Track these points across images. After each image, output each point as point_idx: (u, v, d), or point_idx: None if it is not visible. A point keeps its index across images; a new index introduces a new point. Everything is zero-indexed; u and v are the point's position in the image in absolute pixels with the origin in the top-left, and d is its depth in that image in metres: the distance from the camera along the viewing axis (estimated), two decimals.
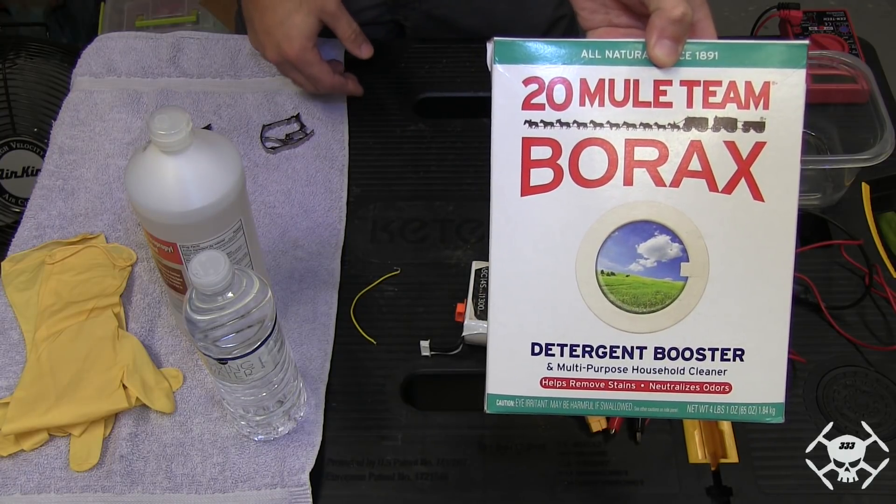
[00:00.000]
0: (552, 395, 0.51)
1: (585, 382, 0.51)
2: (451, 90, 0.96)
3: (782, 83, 0.49)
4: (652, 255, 0.50)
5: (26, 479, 0.68)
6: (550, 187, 0.49)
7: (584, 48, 0.49)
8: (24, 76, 1.44)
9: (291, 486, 0.67)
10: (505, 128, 0.49)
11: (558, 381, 0.51)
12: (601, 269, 0.50)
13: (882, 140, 0.78)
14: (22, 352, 0.75)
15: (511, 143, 0.49)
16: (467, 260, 0.80)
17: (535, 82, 0.49)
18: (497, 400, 0.52)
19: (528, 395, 0.51)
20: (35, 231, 0.83)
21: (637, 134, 0.49)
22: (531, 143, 0.49)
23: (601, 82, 0.49)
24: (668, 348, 0.51)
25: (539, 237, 0.50)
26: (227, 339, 0.59)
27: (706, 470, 0.69)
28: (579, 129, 0.49)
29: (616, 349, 0.51)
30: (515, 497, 0.68)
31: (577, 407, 0.52)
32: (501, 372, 0.51)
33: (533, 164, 0.49)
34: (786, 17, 0.98)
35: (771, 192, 0.49)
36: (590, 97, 0.49)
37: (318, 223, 0.84)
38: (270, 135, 0.91)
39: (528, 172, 0.49)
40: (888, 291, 0.77)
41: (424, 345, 0.75)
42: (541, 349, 0.51)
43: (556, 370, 0.51)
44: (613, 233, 0.50)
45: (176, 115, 0.60)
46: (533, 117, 0.49)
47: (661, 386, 0.51)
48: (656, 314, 0.50)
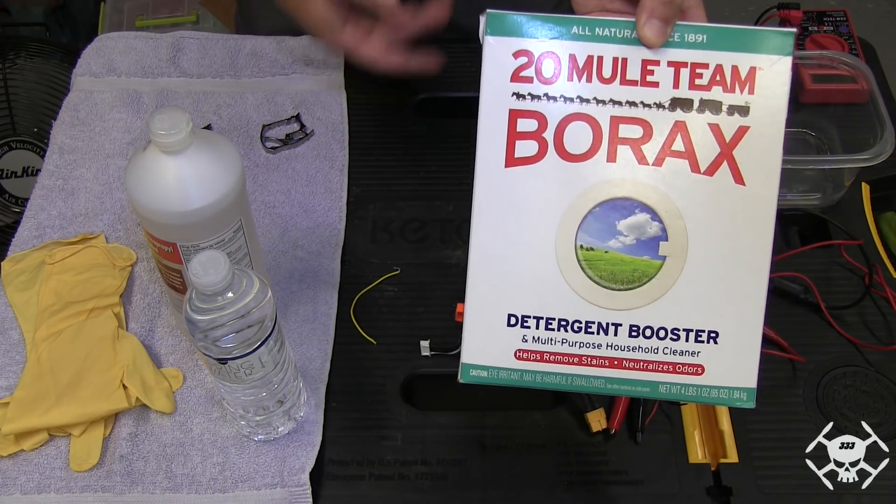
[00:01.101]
0: (526, 368, 0.52)
1: (559, 357, 0.51)
2: (451, 90, 0.96)
3: (768, 69, 0.49)
4: (631, 232, 0.50)
5: (26, 479, 0.68)
6: (534, 160, 0.49)
7: (574, 24, 0.49)
8: (24, 76, 1.44)
9: (291, 486, 0.67)
10: (492, 99, 0.49)
11: (532, 353, 0.51)
12: (580, 244, 0.50)
13: (882, 140, 0.78)
14: (22, 352, 0.75)
15: (498, 115, 0.49)
16: (467, 260, 0.80)
17: (524, 55, 0.49)
18: (471, 370, 0.52)
19: (501, 367, 0.52)
20: (35, 231, 0.83)
21: (623, 111, 0.50)
22: (518, 115, 0.49)
23: (590, 59, 0.49)
24: (642, 326, 0.51)
25: (520, 209, 0.50)
26: (227, 339, 0.59)
27: (706, 470, 0.69)
28: (566, 104, 0.50)
29: (591, 325, 0.51)
30: (515, 497, 0.68)
31: (549, 381, 0.52)
32: (476, 342, 0.51)
33: (518, 136, 0.49)
34: (786, 17, 0.98)
35: (752, 177, 0.50)
36: (578, 73, 0.49)
37: (318, 223, 0.84)
38: (270, 135, 0.91)
39: (513, 144, 0.50)
40: (888, 291, 0.77)
41: (424, 345, 0.75)
42: (517, 321, 0.51)
43: (531, 343, 0.51)
44: (594, 208, 0.50)
45: (176, 115, 0.60)
46: (521, 90, 0.49)
47: (634, 364, 0.51)
48: (633, 292, 0.51)
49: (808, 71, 0.89)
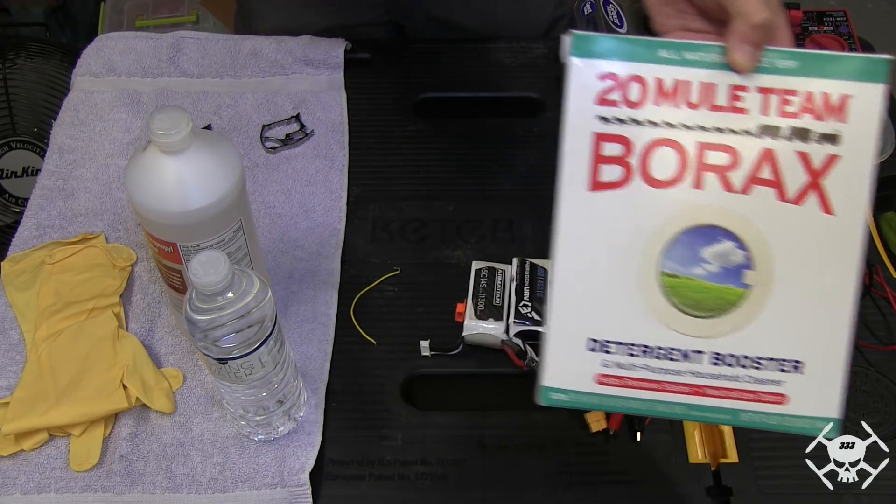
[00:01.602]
0: (606, 393, 0.51)
1: (640, 382, 0.51)
2: (451, 90, 0.96)
3: (860, 97, 0.48)
4: (716, 260, 0.50)
5: (26, 479, 0.68)
6: (619, 185, 0.49)
7: (662, 48, 0.48)
8: (24, 76, 1.44)
9: (291, 486, 0.67)
10: (577, 121, 0.48)
11: (613, 378, 0.51)
12: (664, 271, 0.50)
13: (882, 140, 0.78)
14: (22, 352, 0.75)
15: (582, 138, 0.48)
16: (467, 260, 0.80)
17: (610, 78, 0.48)
18: (551, 393, 0.52)
19: (582, 391, 0.51)
20: (35, 231, 0.83)
21: (710, 137, 0.49)
22: (602, 138, 0.48)
23: (677, 83, 0.48)
24: (725, 354, 0.50)
25: (604, 233, 0.49)
26: (227, 339, 0.59)
27: (706, 470, 0.69)
28: (652, 129, 0.49)
29: (673, 352, 0.50)
30: (515, 497, 0.68)
31: (630, 406, 0.51)
32: (557, 365, 0.51)
33: (603, 160, 0.48)
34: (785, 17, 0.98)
35: (841, 206, 0.49)
36: (665, 97, 0.48)
37: (318, 223, 0.84)
38: (270, 135, 0.91)
39: (597, 168, 0.49)
40: (888, 291, 0.77)
41: (424, 345, 0.75)
42: (598, 346, 0.51)
43: (612, 368, 0.51)
44: (679, 235, 0.49)
45: (176, 115, 0.60)
46: (606, 113, 0.48)
47: (716, 391, 0.51)
48: (716, 319, 0.50)
49: None
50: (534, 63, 0.98)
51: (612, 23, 0.87)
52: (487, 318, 0.74)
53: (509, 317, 0.74)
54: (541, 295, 0.76)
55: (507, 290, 0.76)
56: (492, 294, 0.76)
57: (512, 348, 0.73)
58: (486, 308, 0.75)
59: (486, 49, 0.99)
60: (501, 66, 0.98)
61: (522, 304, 0.75)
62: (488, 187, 0.88)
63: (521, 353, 0.73)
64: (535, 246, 0.83)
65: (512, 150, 0.91)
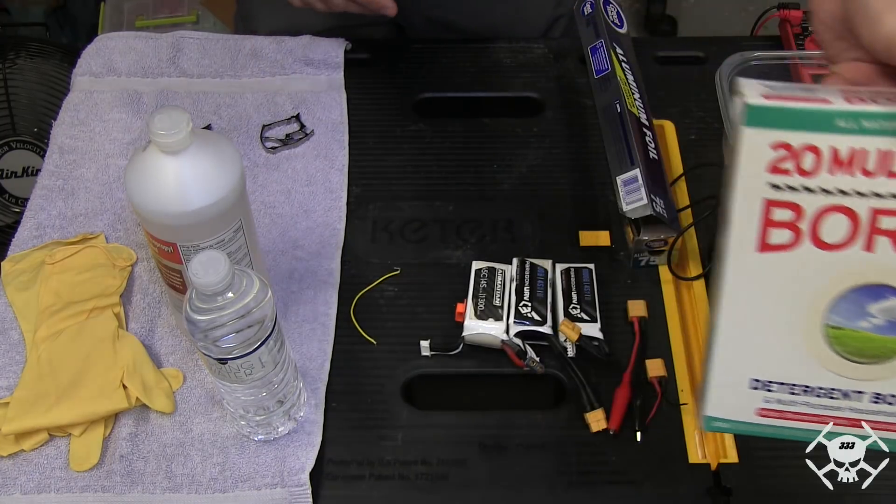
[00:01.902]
0: (766, 423, 0.53)
1: (799, 416, 0.52)
2: (451, 90, 0.96)
3: None
4: (883, 315, 0.49)
5: (26, 479, 0.68)
6: (788, 247, 0.48)
7: (839, 117, 0.46)
8: (24, 76, 1.44)
9: (291, 486, 0.67)
10: (747, 187, 0.48)
11: (773, 412, 0.52)
12: (828, 324, 0.50)
13: None
14: (22, 352, 0.75)
15: (752, 203, 0.48)
16: (467, 260, 0.80)
17: (783, 148, 0.47)
18: (713, 421, 0.54)
19: (743, 421, 0.53)
20: (35, 231, 0.83)
21: (884, 204, 0.47)
22: (773, 204, 0.48)
23: (853, 152, 0.47)
24: (886, 394, 0.51)
25: (770, 290, 0.50)
26: (227, 339, 0.59)
27: (706, 470, 0.69)
28: (825, 196, 0.48)
29: (833, 391, 0.51)
30: (515, 497, 0.68)
31: (787, 434, 0.53)
32: (720, 398, 0.53)
33: (772, 224, 0.48)
34: (786, 17, 0.98)
35: None
36: (839, 166, 0.47)
37: (318, 223, 0.84)
38: (270, 135, 0.91)
39: (766, 231, 0.48)
40: None
41: (424, 345, 0.75)
42: (760, 385, 0.52)
43: (773, 403, 0.52)
44: (846, 293, 0.49)
45: (176, 115, 0.60)
46: (777, 181, 0.47)
47: (875, 424, 0.52)
48: (879, 366, 0.50)
49: (808, 71, 0.89)
50: (533, 63, 0.98)
51: (613, 23, 0.87)
52: (487, 318, 0.74)
53: (509, 317, 0.74)
54: (541, 295, 0.76)
55: (507, 290, 0.76)
56: (492, 294, 0.76)
57: (512, 348, 0.73)
58: (486, 308, 0.75)
59: (485, 49, 0.99)
60: (501, 66, 0.98)
61: (522, 304, 0.75)
62: (488, 187, 0.88)
63: (521, 353, 0.73)
64: (535, 246, 0.83)
65: (512, 150, 0.91)
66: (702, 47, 1.00)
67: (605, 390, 0.72)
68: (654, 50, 0.99)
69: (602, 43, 0.84)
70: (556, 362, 0.74)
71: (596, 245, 0.82)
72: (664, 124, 0.92)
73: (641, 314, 0.76)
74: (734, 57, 0.86)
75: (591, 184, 0.87)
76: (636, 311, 0.76)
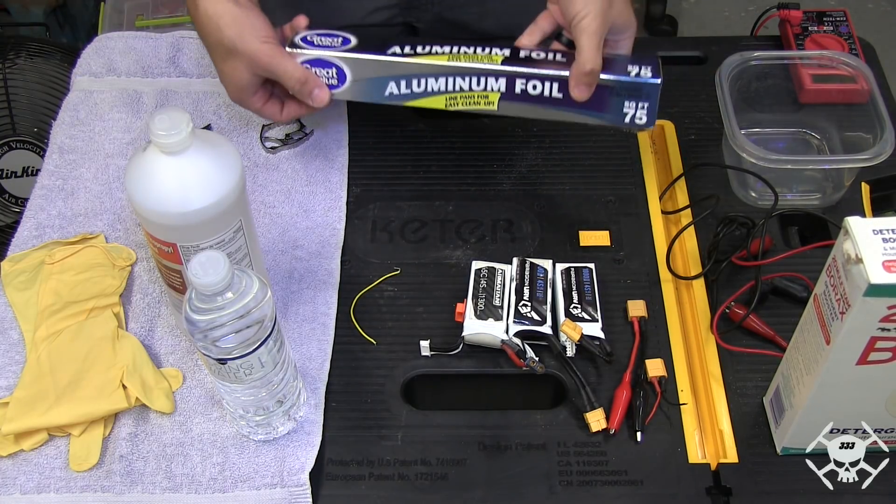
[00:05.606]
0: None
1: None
2: None
3: None
4: None
5: (26, 479, 0.68)
6: (883, 362, 0.59)
7: None
8: (24, 76, 1.44)
9: (291, 486, 0.67)
10: (860, 328, 0.57)
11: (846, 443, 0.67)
12: None
13: (882, 140, 0.78)
14: (22, 352, 0.75)
15: (861, 338, 0.58)
16: (467, 260, 0.80)
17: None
18: (790, 450, 0.68)
19: (816, 451, 0.67)
20: (35, 231, 0.83)
21: None
22: (878, 339, 0.58)
23: None
24: None
25: (861, 383, 0.62)
26: (227, 339, 0.59)
27: (706, 470, 0.69)
28: None
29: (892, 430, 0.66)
30: (515, 497, 0.68)
31: None
32: (801, 436, 0.67)
33: (874, 349, 0.59)
34: (786, 17, 0.98)
35: None
36: None
37: (318, 223, 0.84)
38: (270, 135, 0.91)
39: (868, 354, 0.59)
40: None
41: (424, 345, 0.75)
42: (835, 430, 0.66)
43: (842, 435, 0.67)
44: None
45: (176, 115, 0.60)
46: (887, 326, 0.57)
47: None
48: None
49: (808, 71, 0.89)
50: None
51: None
52: (487, 318, 0.74)
53: (509, 317, 0.74)
54: (540, 295, 0.76)
55: (507, 290, 0.76)
56: (492, 294, 0.76)
57: (512, 348, 0.73)
58: (485, 308, 0.75)
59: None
60: None
61: (522, 304, 0.75)
62: (488, 187, 0.88)
63: (521, 353, 0.73)
64: (535, 246, 0.83)
65: (512, 150, 0.91)
66: (702, 47, 1.00)
67: (604, 390, 0.72)
68: (654, 50, 0.99)
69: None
70: (555, 362, 0.74)
71: (596, 245, 0.82)
72: (664, 124, 0.92)
73: (641, 314, 0.76)
74: (734, 57, 0.86)
75: (591, 184, 0.87)
76: (636, 310, 0.76)
